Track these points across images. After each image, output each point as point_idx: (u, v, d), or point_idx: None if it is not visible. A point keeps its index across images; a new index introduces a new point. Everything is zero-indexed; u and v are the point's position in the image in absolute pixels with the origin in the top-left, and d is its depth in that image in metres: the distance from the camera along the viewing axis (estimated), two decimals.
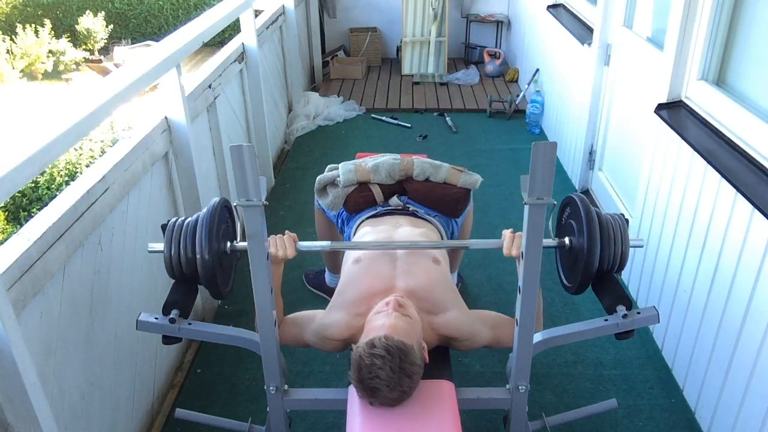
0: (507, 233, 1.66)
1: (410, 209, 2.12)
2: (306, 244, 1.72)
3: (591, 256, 1.53)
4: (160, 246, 1.59)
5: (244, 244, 1.57)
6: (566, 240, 1.64)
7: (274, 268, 1.70)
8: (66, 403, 1.61)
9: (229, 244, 1.63)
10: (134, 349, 2.04)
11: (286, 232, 1.70)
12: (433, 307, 1.69)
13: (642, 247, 1.72)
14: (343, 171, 2.19)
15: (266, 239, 1.54)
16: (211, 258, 1.51)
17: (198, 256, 1.52)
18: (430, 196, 2.17)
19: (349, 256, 1.88)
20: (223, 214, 1.62)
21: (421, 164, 2.20)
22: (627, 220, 1.66)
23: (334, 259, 2.61)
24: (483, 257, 3.04)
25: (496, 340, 1.75)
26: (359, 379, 1.45)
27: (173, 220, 1.62)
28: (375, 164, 2.19)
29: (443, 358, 1.74)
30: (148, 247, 1.64)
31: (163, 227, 1.61)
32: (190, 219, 1.60)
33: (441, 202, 2.18)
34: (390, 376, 1.41)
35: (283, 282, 2.01)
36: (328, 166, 2.31)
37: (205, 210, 1.57)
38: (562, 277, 1.72)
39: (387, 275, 1.72)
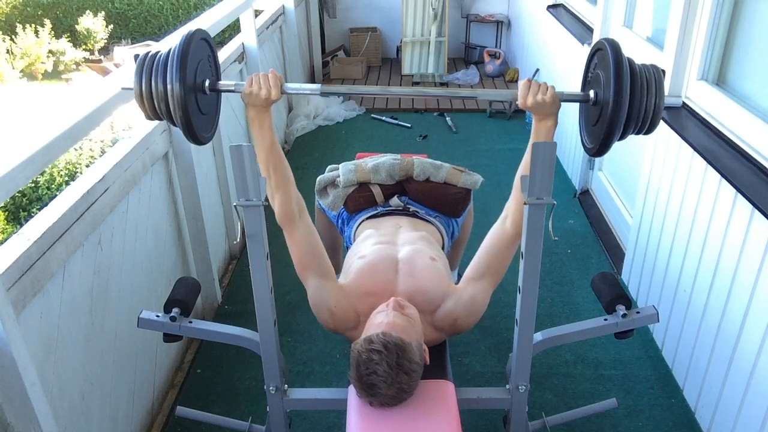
0: (523, 81, 1.48)
1: (411, 209, 2.12)
2: (294, 86, 1.54)
3: (618, 107, 1.31)
4: (131, 83, 1.44)
5: (227, 82, 1.46)
6: (591, 93, 1.43)
7: (258, 113, 1.54)
8: (66, 403, 1.61)
9: (208, 82, 1.46)
10: (134, 349, 2.04)
11: (271, 70, 1.53)
12: (431, 305, 1.69)
13: (679, 105, 1.50)
14: (343, 171, 2.19)
15: (264, 238, 1.52)
16: (183, 91, 1.34)
17: (169, 87, 1.34)
18: (430, 196, 2.17)
19: (355, 254, 1.87)
20: (201, 47, 1.45)
21: (421, 164, 2.20)
22: (663, 71, 1.44)
23: (334, 258, 2.60)
24: None
25: (496, 276, 1.70)
26: (357, 376, 1.45)
27: (146, 51, 1.42)
28: (375, 164, 2.19)
29: (442, 358, 1.74)
30: (121, 85, 1.49)
31: (136, 57, 1.42)
32: (163, 51, 1.41)
33: (441, 203, 2.18)
34: (387, 371, 1.41)
35: (284, 282, 2.01)
36: (329, 167, 2.31)
37: (178, 40, 1.39)
38: (584, 137, 1.53)
39: (390, 280, 1.72)
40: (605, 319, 1.66)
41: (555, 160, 1.40)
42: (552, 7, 4.42)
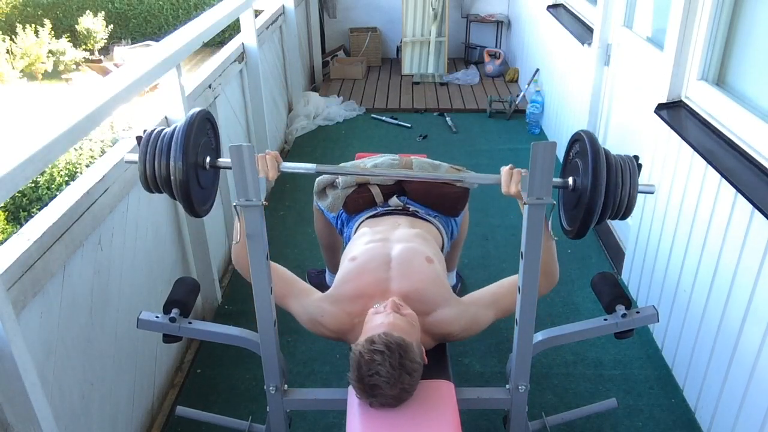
0: (505, 169, 1.53)
1: (410, 209, 2.12)
2: (290, 165, 1.59)
3: (595, 197, 1.39)
4: (135, 157, 1.48)
5: (225, 160, 1.49)
6: (570, 180, 1.50)
7: None
8: (66, 403, 1.61)
9: (208, 159, 1.51)
10: (134, 349, 2.04)
11: (268, 151, 1.60)
12: (425, 308, 1.68)
13: (652, 193, 1.58)
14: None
15: (264, 238, 1.53)
16: (185, 168, 1.39)
17: (171, 165, 1.40)
18: (429, 195, 2.17)
19: (347, 254, 1.88)
20: (204, 126, 1.51)
21: (419, 164, 2.20)
22: (640, 165, 1.52)
23: (334, 258, 2.61)
24: (483, 257, 3.04)
25: (501, 314, 1.72)
26: (359, 378, 1.45)
27: (150, 130, 1.49)
28: (374, 165, 2.19)
29: (442, 358, 1.74)
30: (124, 158, 1.53)
31: (138, 138, 1.48)
32: (167, 129, 1.47)
33: (440, 202, 2.18)
34: (390, 372, 1.41)
35: None
36: None
37: (182, 120, 1.45)
38: (563, 220, 1.59)
39: (382, 278, 1.72)
40: (605, 319, 1.66)
41: (555, 160, 1.40)
42: (552, 7, 4.42)
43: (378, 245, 1.84)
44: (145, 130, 1.49)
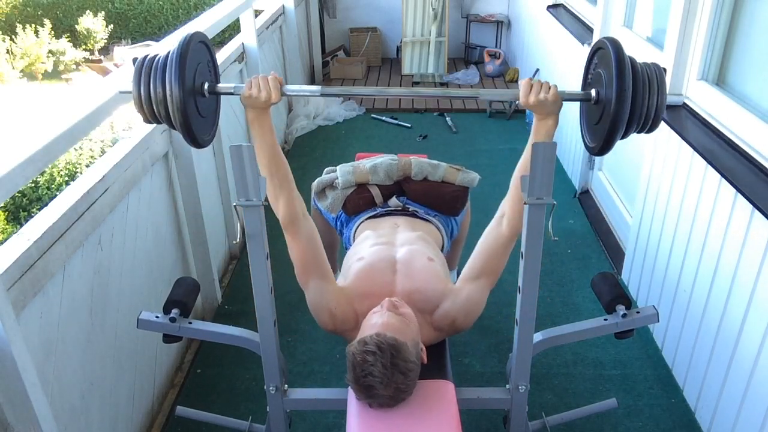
0: (524, 81, 1.46)
1: (410, 209, 2.12)
2: (293, 88, 1.51)
3: (621, 105, 1.30)
4: (129, 87, 1.42)
5: (227, 85, 1.45)
6: (592, 92, 1.41)
7: (258, 115, 1.52)
8: (66, 403, 1.61)
9: (207, 84, 1.45)
10: (134, 349, 2.04)
11: (272, 72, 1.52)
12: (430, 306, 1.69)
13: (680, 105, 1.48)
14: (341, 173, 2.19)
15: (264, 238, 1.52)
16: (182, 94, 1.33)
17: (168, 90, 1.33)
18: (428, 195, 2.17)
19: (353, 256, 1.87)
20: (200, 50, 1.44)
21: (419, 164, 2.20)
22: (665, 69, 1.43)
23: (331, 259, 2.60)
24: None
25: (493, 275, 1.69)
26: (354, 379, 1.45)
27: (144, 55, 1.41)
28: (373, 165, 2.19)
29: (442, 358, 1.74)
30: (119, 89, 1.48)
31: (134, 60, 1.41)
32: (162, 54, 1.40)
33: (440, 201, 2.18)
34: (382, 372, 1.41)
35: (284, 282, 2.01)
36: (326, 169, 2.31)
37: (176, 43, 1.38)
38: (585, 137, 1.52)
39: (388, 281, 1.72)
40: (605, 319, 1.66)
41: (555, 160, 1.40)
42: (552, 7, 4.42)
43: (384, 248, 1.84)
44: (139, 57, 1.41)
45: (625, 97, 1.30)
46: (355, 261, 1.82)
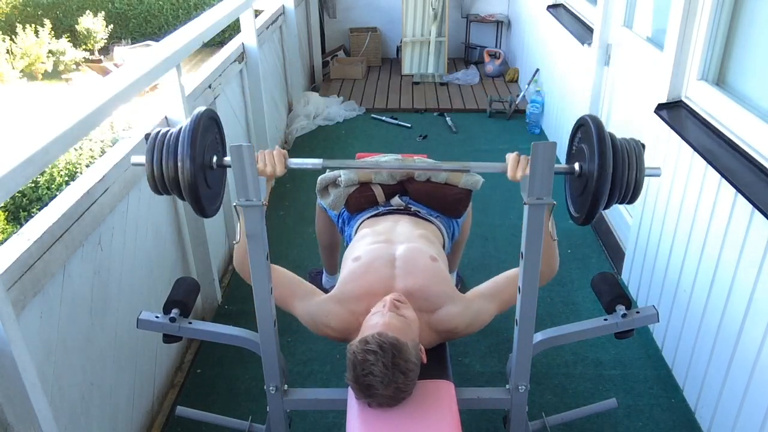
0: (511, 156, 1.52)
1: (412, 209, 2.12)
2: (297, 161, 1.58)
3: (602, 181, 1.38)
4: (142, 159, 1.46)
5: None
6: (576, 165, 1.49)
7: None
8: (66, 403, 1.61)
9: (215, 158, 1.50)
10: (134, 349, 2.04)
11: (276, 147, 1.58)
12: (430, 305, 1.69)
13: (659, 175, 1.56)
14: (344, 171, 2.19)
15: (264, 238, 1.53)
16: (193, 170, 1.39)
17: (180, 168, 1.39)
18: (431, 196, 2.17)
19: (350, 254, 1.88)
20: (210, 125, 1.51)
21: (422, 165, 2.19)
22: (643, 145, 1.51)
23: (332, 259, 2.61)
24: (483, 257, 3.04)
25: (503, 306, 1.72)
26: (354, 378, 1.45)
27: (156, 130, 1.48)
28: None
29: (442, 358, 1.74)
30: (131, 160, 1.53)
31: (147, 136, 1.47)
32: (173, 130, 1.47)
33: (442, 203, 2.18)
34: (383, 372, 1.41)
35: None
36: None
37: (188, 119, 1.45)
38: (570, 207, 1.59)
39: (387, 276, 1.72)
40: (605, 319, 1.66)
41: (555, 160, 1.40)
42: (552, 7, 4.42)
43: (382, 245, 1.84)
44: (151, 131, 1.48)
45: (605, 175, 1.38)
46: (350, 261, 1.82)
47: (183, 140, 1.40)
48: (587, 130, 1.44)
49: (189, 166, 1.38)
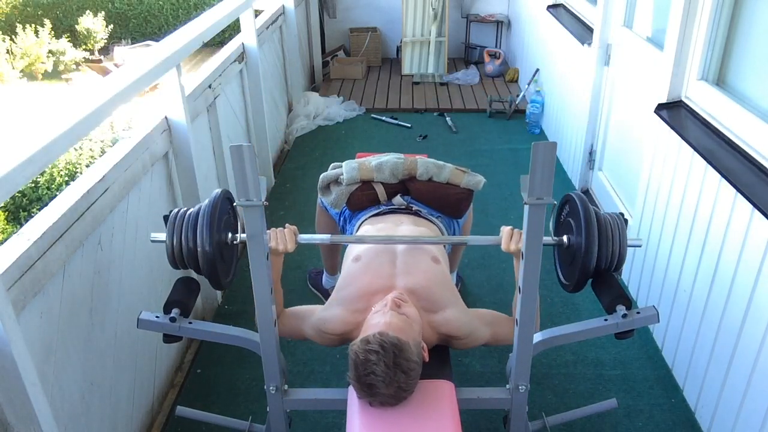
0: (505, 229, 1.67)
1: (413, 208, 2.12)
2: (306, 237, 1.73)
3: (588, 254, 1.53)
4: (162, 236, 1.60)
5: (244, 235, 1.56)
6: (564, 238, 1.64)
7: (274, 260, 1.71)
8: (66, 403, 1.61)
9: (230, 235, 1.63)
10: (134, 349, 2.04)
11: (287, 225, 1.70)
12: (432, 306, 1.69)
13: (640, 246, 1.72)
14: (346, 169, 2.19)
15: (266, 233, 1.54)
16: (212, 249, 1.51)
17: (199, 246, 1.53)
18: (433, 196, 2.17)
19: (349, 254, 1.88)
20: (225, 205, 1.62)
21: (424, 164, 2.19)
22: (626, 220, 1.67)
23: (332, 260, 2.61)
24: (483, 257, 3.04)
25: (495, 338, 1.75)
26: (356, 377, 1.45)
27: (176, 210, 1.62)
28: (378, 163, 2.19)
29: (443, 358, 1.74)
30: (150, 237, 1.65)
31: (165, 218, 1.62)
32: (192, 210, 1.60)
33: (444, 203, 2.17)
34: (385, 371, 1.41)
35: (284, 281, 2.01)
36: (332, 165, 2.31)
37: (206, 201, 1.57)
38: (560, 275, 1.72)
39: (387, 274, 1.72)
40: (605, 320, 1.66)
41: (555, 160, 1.40)
42: (552, 7, 4.42)
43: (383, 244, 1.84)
44: (171, 211, 1.62)
45: (592, 250, 1.54)
46: (350, 261, 1.82)
47: (202, 221, 1.53)
48: (573, 206, 1.59)
49: (209, 245, 1.52)
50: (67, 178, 5.11)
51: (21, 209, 5.04)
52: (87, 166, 5.18)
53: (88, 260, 1.73)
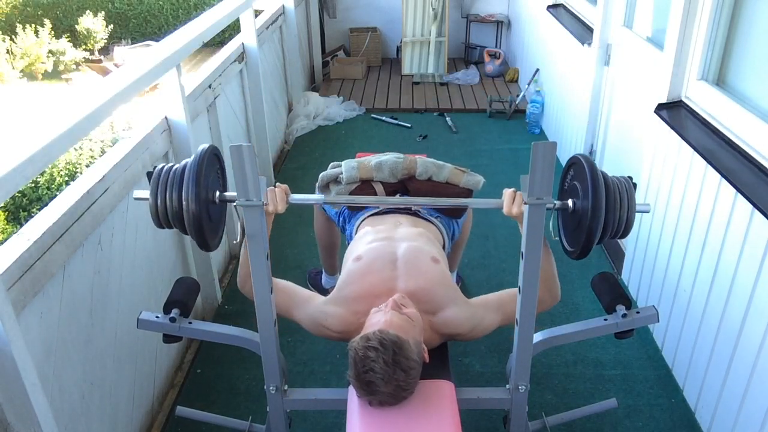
0: (507, 192, 1.58)
1: (412, 208, 2.12)
2: (298, 197, 1.64)
3: (595, 219, 1.43)
4: (145, 194, 1.51)
5: (233, 194, 1.52)
6: (569, 202, 1.53)
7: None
8: (66, 403, 1.61)
9: (218, 193, 1.54)
10: (134, 349, 2.04)
11: (278, 184, 1.63)
12: (433, 307, 1.69)
13: (648, 212, 1.62)
14: (346, 168, 2.19)
15: (266, 240, 1.54)
16: (197, 207, 1.43)
17: (184, 204, 1.44)
18: (431, 195, 2.17)
19: (350, 254, 1.88)
20: (212, 161, 1.54)
21: (424, 163, 2.19)
22: (635, 184, 1.58)
23: (331, 259, 2.61)
24: (483, 257, 3.04)
25: (507, 319, 1.73)
26: (355, 374, 1.45)
27: (160, 166, 1.52)
28: (378, 162, 2.19)
29: (443, 358, 1.74)
30: (133, 195, 1.56)
31: (149, 174, 1.52)
32: (177, 165, 1.51)
33: None
34: (384, 368, 1.41)
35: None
36: (331, 164, 2.31)
37: (192, 157, 1.48)
38: (564, 241, 1.63)
39: (388, 277, 1.72)
40: (605, 319, 1.66)
41: (555, 160, 1.40)
42: (552, 7, 4.42)
43: (383, 244, 1.84)
44: (154, 167, 1.52)
45: (599, 212, 1.43)
46: (351, 261, 1.82)
47: (188, 176, 1.43)
48: (580, 168, 1.50)
49: (194, 201, 1.43)
50: (67, 178, 5.11)
51: (21, 209, 5.04)
52: (87, 166, 5.18)
53: (88, 260, 1.73)
